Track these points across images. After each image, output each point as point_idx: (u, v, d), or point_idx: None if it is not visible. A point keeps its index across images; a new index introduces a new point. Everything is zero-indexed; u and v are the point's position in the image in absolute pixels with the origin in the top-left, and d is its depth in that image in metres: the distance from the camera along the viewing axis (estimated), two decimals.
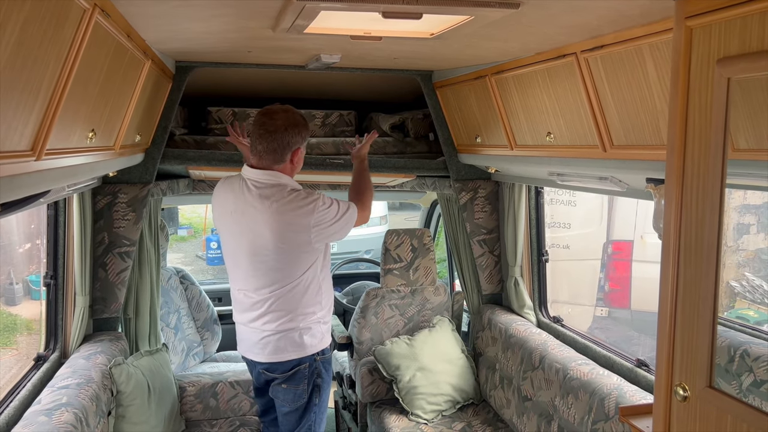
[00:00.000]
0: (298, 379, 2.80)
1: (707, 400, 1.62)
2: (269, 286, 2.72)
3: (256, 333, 2.79)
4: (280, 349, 2.76)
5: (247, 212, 2.67)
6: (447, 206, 4.03)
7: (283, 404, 2.85)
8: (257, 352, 2.81)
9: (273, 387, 2.84)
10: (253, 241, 2.67)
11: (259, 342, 2.79)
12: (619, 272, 6.58)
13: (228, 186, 2.80)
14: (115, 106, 2.28)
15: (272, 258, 2.68)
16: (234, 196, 2.73)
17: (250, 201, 2.66)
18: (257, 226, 2.65)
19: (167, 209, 10.19)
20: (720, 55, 1.52)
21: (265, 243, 2.65)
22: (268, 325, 2.75)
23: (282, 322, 2.74)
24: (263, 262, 2.69)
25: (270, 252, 2.66)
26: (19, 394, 2.58)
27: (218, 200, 2.84)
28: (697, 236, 1.61)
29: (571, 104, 2.47)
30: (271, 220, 2.62)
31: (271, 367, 2.80)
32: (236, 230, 2.72)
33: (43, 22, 1.38)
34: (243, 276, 2.78)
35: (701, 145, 1.59)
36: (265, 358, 2.79)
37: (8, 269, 6.44)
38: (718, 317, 1.60)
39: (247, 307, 2.80)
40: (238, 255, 2.76)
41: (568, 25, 2.05)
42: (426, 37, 2.36)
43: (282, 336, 2.76)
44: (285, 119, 2.65)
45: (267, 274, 2.71)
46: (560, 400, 2.91)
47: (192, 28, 2.31)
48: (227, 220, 2.77)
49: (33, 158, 1.62)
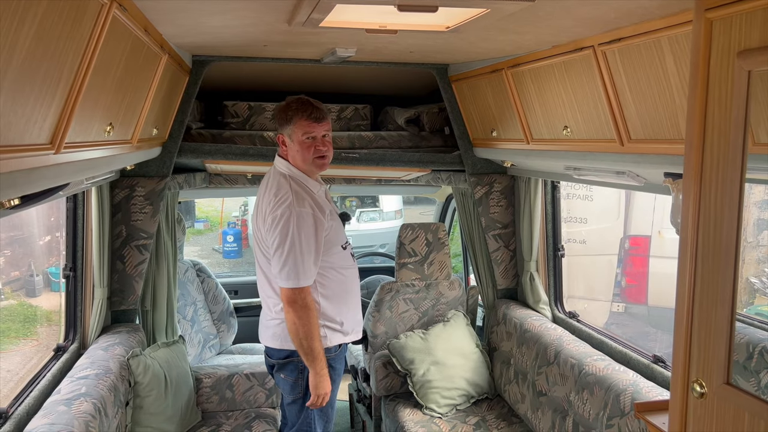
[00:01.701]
0: (290, 370, 2.80)
1: (724, 397, 1.61)
2: (269, 273, 2.78)
3: (265, 315, 2.90)
4: (277, 335, 2.80)
5: (257, 203, 2.84)
6: (462, 200, 4.02)
7: (283, 393, 2.93)
8: (261, 332, 2.92)
9: (275, 374, 2.92)
10: (256, 232, 2.81)
11: (263, 323, 2.90)
12: (636, 267, 6.52)
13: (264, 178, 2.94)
14: (132, 100, 2.30)
15: (261, 244, 2.78)
16: (260, 188, 2.89)
17: (261, 191, 2.83)
18: (257, 219, 2.79)
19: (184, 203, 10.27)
20: (740, 48, 1.49)
21: (260, 235, 2.76)
22: (269, 312, 2.85)
23: (279, 311, 2.76)
24: (262, 253, 2.79)
25: (263, 243, 2.76)
26: (39, 384, 2.62)
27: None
28: (716, 232, 1.59)
29: (588, 98, 2.44)
30: (262, 212, 2.73)
31: (269, 351, 2.89)
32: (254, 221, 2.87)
33: (61, 17, 1.39)
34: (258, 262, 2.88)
35: (720, 139, 1.57)
36: (265, 341, 2.89)
37: (29, 261, 6.55)
38: (736, 313, 1.58)
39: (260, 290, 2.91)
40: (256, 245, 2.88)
41: (585, 18, 2.03)
42: (442, 30, 2.35)
43: (274, 323, 2.81)
44: (279, 107, 2.82)
45: (267, 263, 2.77)
46: (575, 396, 2.90)
47: (208, 22, 2.32)
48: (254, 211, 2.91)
49: (52, 152, 1.64)
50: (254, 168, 3.72)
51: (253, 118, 3.91)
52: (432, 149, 3.92)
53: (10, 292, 6.42)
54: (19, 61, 1.28)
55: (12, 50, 1.24)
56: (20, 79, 1.32)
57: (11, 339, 5.60)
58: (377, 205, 11.71)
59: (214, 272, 4.69)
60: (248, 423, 3.41)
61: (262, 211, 2.73)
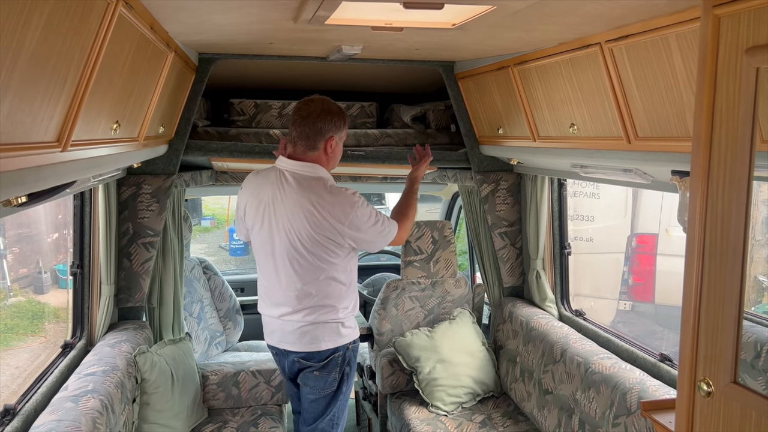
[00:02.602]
0: (331, 367, 2.82)
1: (732, 396, 1.60)
2: (307, 278, 2.71)
3: (290, 324, 2.78)
4: (317, 338, 2.77)
5: (286, 203, 2.66)
6: (468, 198, 4.01)
7: (311, 391, 2.86)
8: (292, 341, 2.80)
9: (304, 374, 2.85)
10: (291, 232, 2.67)
11: (294, 332, 2.79)
12: (644, 266, 6.50)
13: (263, 178, 2.77)
14: (139, 98, 2.30)
15: (309, 253, 2.68)
16: (272, 188, 2.71)
17: (289, 192, 2.66)
18: (296, 218, 2.64)
19: (191, 200, 10.31)
20: (749, 44, 1.48)
21: (304, 235, 2.65)
22: (307, 317, 2.75)
23: (321, 314, 2.75)
24: (301, 255, 2.68)
25: (307, 248, 2.67)
26: (47, 381, 2.63)
27: (251, 192, 2.80)
28: (723, 230, 1.58)
29: (595, 95, 2.43)
30: (310, 214, 2.62)
31: (308, 355, 2.81)
32: (273, 222, 2.71)
33: (67, 15, 1.40)
34: (278, 268, 2.75)
35: (728, 136, 1.56)
36: (302, 347, 2.79)
37: (37, 258, 6.58)
38: (744, 312, 1.57)
39: (281, 299, 2.78)
40: (273, 247, 2.73)
41: (591, 15, 2.02)
42: (448, 27, 2.34)
43: (320, 326, 2.77)
44: (320, 106, 2.68)
45: (305, 267, 2.70)
46: (581, 394, 2.89)
47: (214, 20, 2.32)
48: (263, 211, 2.73)
49: (59, 149, 1.64)
50: (260, 166, 3.72)
51: (260, 115, 3.91)
52: (438, 147, 3.91)
53: (18, 289, 6.46)
54: (26, 59, 1.29)
55: (19, 48, 1.25)
56: (27, 77, 1.33)
57: (19, 336, 5.64)
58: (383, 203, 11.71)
59: (221, 270, 4.70)
60: (254, 420, 3.42)
61: (314, 216, 2.62)
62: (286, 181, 2.68)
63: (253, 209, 2.78)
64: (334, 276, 2.74)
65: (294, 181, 2.67)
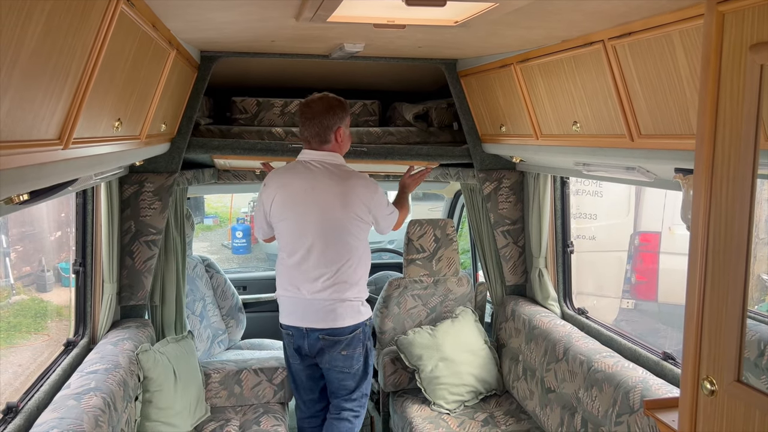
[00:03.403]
0: (355, 342, 3.10)
1: (735, 394, 1.59)
2: (337, 258, 3.01)
3: (318, 302, 3.04)
4: (341, 315, 3.05)
5: (317, 189, 2.97)
6: (471, 196, 4.00)
7: (341, 371, 3.13)
8: (318, 319, 3.05)
9: (331, 356, 3.09)
10: (324, 216, 2.97)
11: (321, 310, 3.04)
12: (647, 264, 6.48)
13: (290, 171, 3.05)
14: (140, 96, 2.30)
15: (340, 232, 2.99)
16: (300, 177, 3.00)
17: (320, 179, 2.98)
18: (328, 202, 2.96)
19: (194, 199, 10.31)
20: (753, 41, 1.47)
21: (336, 217, 2.97)
22: (334, 294, 3.02)
23: (345, 292, 3.03)
24: (332, 236, 2.99)
25: (339, 226, 2.98)
26: (50, 379, 2.64)
27: (280, 184, 3.04)
28: (727, 228, 1.58)
29: (598, 93, 2.42)
30: (341, 195, 2.96)
31: (333, 332, 3.06)
32: (304, 208, 2.99)
33: (68, 12, 1.39)
34: (311, 249, 3.01)
35: (732, 134, 1.55)
36: (328, 324, 3.05)
37: (40, 257, 6.59)
38: (747, 310, 1.57)
39: (310, 279, 3.03)
40: (304, 231, 3.00)
41: (594, 12, 2.01)
42: (450, 25, 2.33)
43: (344, 304, 3.05)
44: (321, 105, 3.00)
45: (335, 248, 3.00)
46: (584, 393, 2.89)
47: (216, 18, 2.32)
48: (296, 199, 3.00)
49: (60, 147, 1.64)
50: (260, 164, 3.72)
51: (262, 113, 3.91)
52: (440, 145, 3.90)
53: (21, 288, 6.46)
54: (27, 57, 1.29)
55: (20, 46, 1.24)
56: (28, 75, 1.32)
57: (22, 334, 5.65)
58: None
59: (223, 268, 4.70)
60: (257, 418, 3.43)
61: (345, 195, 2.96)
62: (315, 169, 2.99)
63: (283, 199, 3.03)
64: (356, 257, 3.05)
65: (322, 168, 2.99)
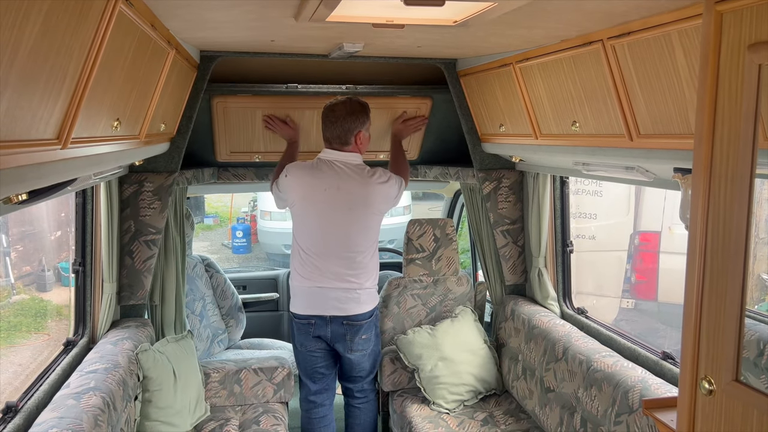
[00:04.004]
0: (370, 325, 3.40)
1: (733, 394, 1.59)
2: (358, 251, 3.26)
3: (341, 292, 3.27)
4: (364, 302, 3.33)
5: (342, 189, 3.20)
6: (470, 196, 4.00)
7: (362, 353, 3.42)
8: (343, 307, 3.29)
9: (353, 341, 3.35)
10: (348, 214, 3.21)
11: (345, 299, 3.28)
12: (646, 264, 6.49)
13: (313, 169, 3.24)
14: (140, 96, 2.30)
15: (361, 227, 3.25)
16: (325, 176, 3.21)
17: (344, 179, 3.21)
18: (353, 202, 3.20)
19: (194, 198, 10.32)
20: (751, 41, 1.47)
21: (359, 215, 3.22)
22: (356, 283, 3.28)
23: (365, 280, 3.31)
24: (354, 232, 3.23)
25: (361, 222, 3.24)
26: (49, 378, 2.64)
27: (303, 181, 3.24)
28: (725, 227, 1.58)
29: (597, 92, 2.42)
30: (364, 196, 3.21)
31: (356, 317, 3.32)
32: (329, 206, 3.20)
33: (66, 11, 1.39)
34: (332, 245, 3.24)
35: (730, 133, 1.55)
36: (351, 311, 3.30)
37: (40, 256, 6.59)
38: (746, 310, 1.57)
39: (334, 270, 3.25)
40: (328, 227, 3.23)
41: (593, 12, 2.01)
42: (449, 24, 2.33)
43: (365, 291, 3.32)
44: (344, 109, 3.20)
45: (356, 242, 3.25)
46: (583, 392, 2.89)
47: (215, 18, 2.32)
48: (319, 198, 3.21)
49: (59, 147, 1.64)
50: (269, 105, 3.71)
51: None
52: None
53: (21, 287, 6.47)
54: (25, 56, 1.29)
55: (17, 45, 1.24)
56: (26, 74, 1.32)
57: (22, 333, 5.65)
58: None
59: (223, 268, 4.71)
60: (256, 418, 3.43)
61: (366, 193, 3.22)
62: (339, 170, 3.22)
63: (306, 195, 3.23)
64: (373, 248, 3.35)
65: (346, 168, 3.22)
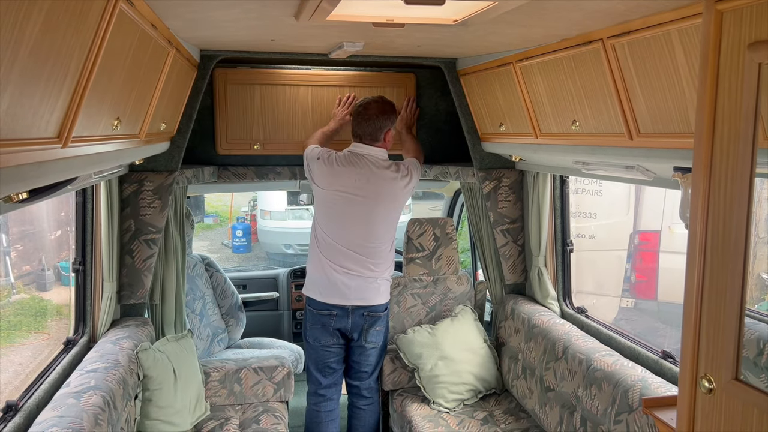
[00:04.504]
0: (384, 319, 3.57)
1: (733, 392, 1.59)
2: (380, 241, 3.43)
3: (361, 280, 3.42)
4: (382, 293, 3.51)
5: (372, 179, 3.37)
6: (470, 195, 4.01)
7: (373, 346, 3.56)
8: (364, 296, 3.44)
9: (369, 333, 3.50)
10: (376, 202, 3.38)
11: (368, 288, 3.44)
12: (646, 263, 6.49)
13: (346, 159, 3.40)
14: (140, 95, 2.30)
15: (387, 217, 3.44)
16: (358, 167, 3.38)
17: (375, 170, 3.38)
18: (381, 195, 3.38)
19: (194, 198, 10.32)
20: (751, 40, 1.47)
21: (385, 209, 3.41)
22: (377, 273, 3.45)
23: (385, 271, 3.49)
24: (379, 220, 3.40)
25: (386, 214, 3.42)
26: (49, 377, 2.64)
27: (334, 170, 3.38)
28: (725, 227, 1.58)
29: (597, 92, 2.42)
30: (392, 186, 3.40)
31: (375, 308, 3.49)
32: (360, 194, 3.36)
33: (67, 11, 1.39)
34: (368, 232, 3.40)
35: (730, 132, 1.55)
36: (372, 301, 3.46)
37: (40, 256, 6.60)
38: (746, 309, 1.57)
39: (358, 260, 3.40)
40: (356, 214, 3.38)
41: (594, 11, 2.01)
42: (449, 23, 2.33)
43: (384, 282, 3.51)
44: (377, 108, 3.41)
45: (379, 232, 3.42)
46: (583, 391, 2.89)
47: (215, 17, 2.32)
48: (352, 185, 3.36)
49: (59, 145, 1.64)
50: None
51: None
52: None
53: (21, 286, 6.47)
54: (25, 55, 1.29)
55: (18, 44, 1.24)
56: (26, 73, 1.32)
57: (22, 332, 5.65)
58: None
59: (223, 267, 4.71)
60: (256, 417, 3.43)
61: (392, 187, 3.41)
62: (369, 164, 3.39)
63: (339, 181, 3.37)
64: (392, 239, 3.52)
65: (376, 161, 3.41)
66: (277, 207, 12.16)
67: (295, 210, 12.29)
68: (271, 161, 3.86)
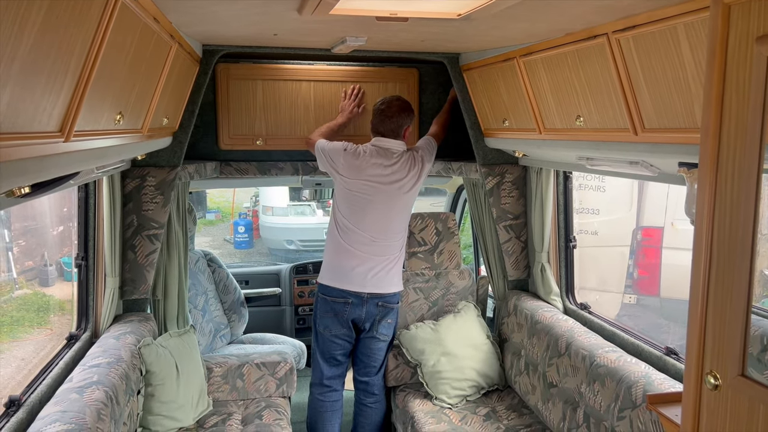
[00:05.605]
0: (396, 312, 3.66)
1: (739, 389, 1.58)
2: (397, 228, 3.56)
3: (379, 268, 3.50)
4: (396, 283, 3.60)
5: (397, 171, 3.49)
6: (473, 191, 4.00)
7: (384, 339, 3.64)
8: (379, 284, 3.52)
9: (381, 325, 3.58)
10: (398, 193, 3.50)
11: (383, 276, 3.52)
12: (649, 259, 6.47)
13: (376, 151, 3.50)
14: (142, 90, 2.29)
15: (405, 208, 3.58)
16: (384, 160, 3.48)
17: (398, 163, 3.50)
18: (403, 184, 3.51)
19: (196, 193, 10.32)
20: (759, 33, 1.45)
21: (405, 195, 3.53)
22: (393, 261, 3.55)
23: (398, 260, 3.58)
24: (398, 210, 3.53)
25: (405, 202, 3.56)
26: (52, 372, 2.64)
27: (363, 158, 3.46)
28: (731, 223, 1.57)
29: (602, 87, 2.41)
30: (411, 178, 3.53)
31: (389, 298, 3.58)
32: (383, 184, 3.47)
33: (69, 4, 1.38)
34: (388, 221, 3.51)
35: (737, 127, 1.54)
36: (385, 289, 3.54)
37: (42, 251, 6.61)
38: (752, 305, 1.56)
39: (377, 246, 3.50)
40: (377, 204, 3.48)
41: (598, 5, 1.99)
42: (453, 17, 2.32)
43: (399, 271, 3.61)
44: (398, 106, 3.52)
45: (397, 219, 3.54)
46: (586, 387, 2.88)
47: (217, 11, 2.31)
48: (373, 177, 3.46)
49: (61, 140, 1.63)
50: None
51: None
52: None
53: (24, 282, 6.48)
54: (28, 49, 1.28)
55: (20, 38, 1.24)
56: (28, 67, 1.31)
57: (25, 328, 5.66)
58: None
59: (226, 262, 4.70)
60: (259, 412, 3.43)
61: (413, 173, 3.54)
62: (392, 156, 3.50)
63: (362, 171, 3.46)
64: (406, 230, 3.67)
65: (400, 155, 3.53)
66: (279, 203, 12.17)
67: (297, 206, 12.29)
68: (273, 157, 3.86)
